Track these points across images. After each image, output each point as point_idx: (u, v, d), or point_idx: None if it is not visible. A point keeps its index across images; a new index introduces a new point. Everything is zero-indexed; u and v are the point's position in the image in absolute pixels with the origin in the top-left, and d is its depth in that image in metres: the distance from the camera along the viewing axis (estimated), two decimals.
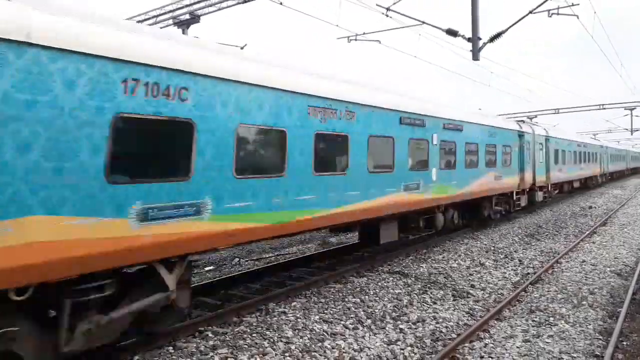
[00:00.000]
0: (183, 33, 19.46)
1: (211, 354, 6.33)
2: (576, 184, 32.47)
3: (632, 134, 52.95)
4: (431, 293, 9.44)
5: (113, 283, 5.63)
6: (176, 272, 6.40)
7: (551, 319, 8.09)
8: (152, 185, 5.74)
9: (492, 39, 13.99)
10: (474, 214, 16.90)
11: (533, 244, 14.94)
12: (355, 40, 18.21)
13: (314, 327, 7.38)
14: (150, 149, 5.88)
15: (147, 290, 6.15)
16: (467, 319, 8.14)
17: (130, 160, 5.61)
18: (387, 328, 7.54)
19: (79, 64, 5.04)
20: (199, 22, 19.88)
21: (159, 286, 6.21)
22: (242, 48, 8.87)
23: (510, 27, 14.10)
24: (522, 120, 23.88)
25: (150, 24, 19.67)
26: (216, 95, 6.60)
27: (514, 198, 19.48)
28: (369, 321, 7.78)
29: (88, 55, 5.12)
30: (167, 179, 5.95)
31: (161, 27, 19.62)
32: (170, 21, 20.44)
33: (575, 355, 6.64)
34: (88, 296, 5.37)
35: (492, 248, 13.86)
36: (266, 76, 7.55)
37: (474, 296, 9.41)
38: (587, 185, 36.91)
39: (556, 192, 27.11)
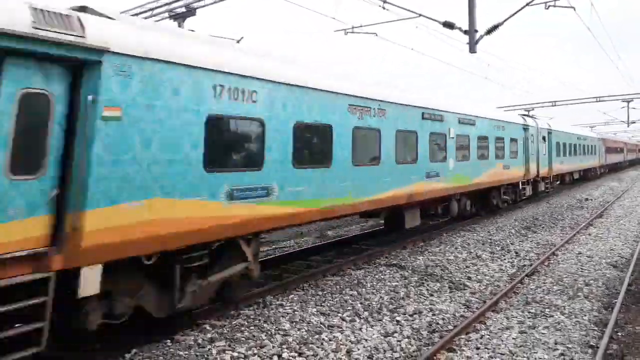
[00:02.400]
0: (179, 26, 19.32)
1: (209, 346, 6.35)
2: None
3: (628, 126, 53.12)
4: (428, 285, 9.49)
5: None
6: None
7: (547, 310, 8.15)
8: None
9: (488, 32, 13.96)
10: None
11: (529, 236, 15.00)
12: (352, 32, 18.14)
13: (312, 320, 7.42)
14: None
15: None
16: (464, 311, 8.19)
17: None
18: (384, 320, 7.58)
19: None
20: (195, 15, 19.72)
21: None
22: (238, 41, 8.82)
23: (507, 19, 14.07)
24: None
25: (146, 17, 19.53)
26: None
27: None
28: (366, 313, 7.82)
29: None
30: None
31: (157, 21, 19.50)
32: (166, 14, 20.26)
33: (570, 346, 6.70)
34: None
35: (489, 240, 13.91)
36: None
37: (471, 288, 9.47)
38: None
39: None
